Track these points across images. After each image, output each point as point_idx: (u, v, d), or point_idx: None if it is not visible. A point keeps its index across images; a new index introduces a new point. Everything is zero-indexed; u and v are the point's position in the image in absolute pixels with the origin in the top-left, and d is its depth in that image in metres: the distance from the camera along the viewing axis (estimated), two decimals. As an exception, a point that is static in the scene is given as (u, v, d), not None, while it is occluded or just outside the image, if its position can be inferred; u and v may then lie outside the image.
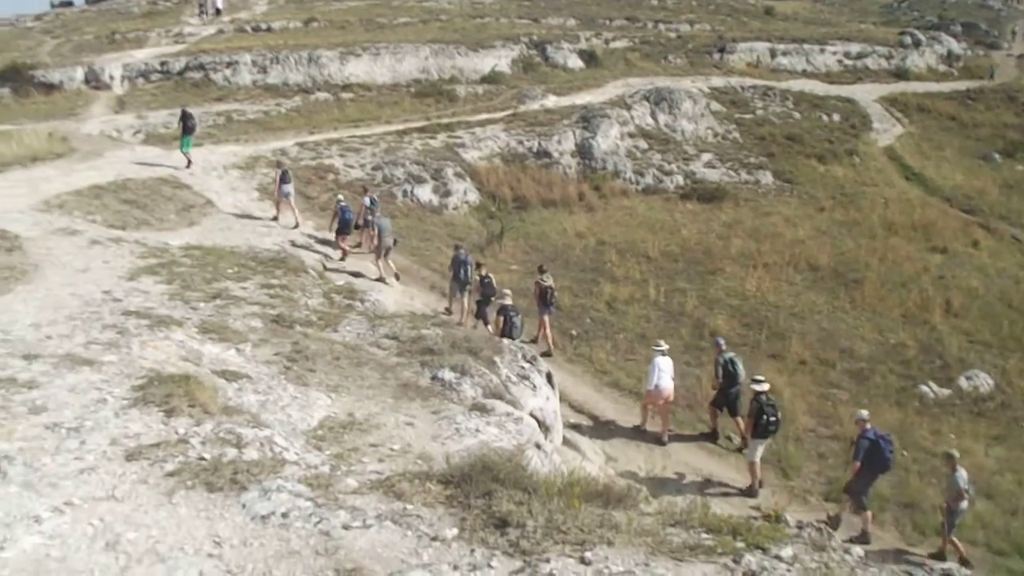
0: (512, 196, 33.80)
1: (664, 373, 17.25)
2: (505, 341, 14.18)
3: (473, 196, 33.19)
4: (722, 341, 18.33)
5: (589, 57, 53.48)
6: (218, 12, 65.82)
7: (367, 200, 25.19)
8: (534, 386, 12.71)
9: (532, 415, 11.74)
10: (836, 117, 48.66)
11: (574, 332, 22.46)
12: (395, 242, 23.97)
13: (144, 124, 35.84)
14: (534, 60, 52.10)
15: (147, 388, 9.09)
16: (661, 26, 63.99)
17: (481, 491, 6.92)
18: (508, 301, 19.48)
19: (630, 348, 21.82)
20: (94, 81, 44.34)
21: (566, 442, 14.48)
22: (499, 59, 50.51)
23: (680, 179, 37.83)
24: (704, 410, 18.43)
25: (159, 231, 22.25)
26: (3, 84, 42.89)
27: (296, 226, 25.74)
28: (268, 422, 9.03)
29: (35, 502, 6.55)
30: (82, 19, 72.71)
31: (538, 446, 10.31)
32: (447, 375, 11.68)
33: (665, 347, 17.97)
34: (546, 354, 20.27)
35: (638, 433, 17.74)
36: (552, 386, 13.55)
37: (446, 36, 54.53)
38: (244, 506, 6.74)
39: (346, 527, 6.44)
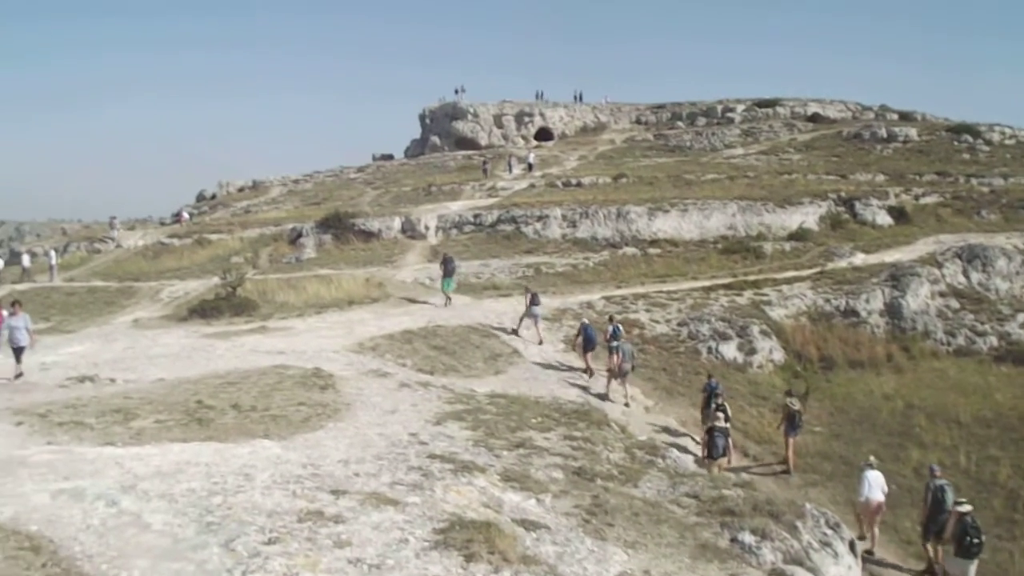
0: (818, 355, 33.52)
1: (874, 487, 18.91)
2: (808, 506, 13.69)
3: (778, 355, 32.93)
4: (936, 468, 18.85)
5: (899, 214, 52.32)
6: (530, 167, 69.70)
7: (611, 328, 27.15)
8: (836, 554, 12.21)
9: (832, 583, 11.28)
10: None
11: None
12: (633, 368, 26.07)
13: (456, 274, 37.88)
14: (842, 217, 51.60)
15: (448, 532, 9.41)
16: (973, 180, 61.44)
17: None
18: (720, 424, 20.90)
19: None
20: (410, 231, 48.13)
21: (866, 613, 13.79)
22: (806, 216, 50.46)
23: (994, 340, 35.85)
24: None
25: (466, 378, 23.33)
26: (326, 231, 47.53)
27: (540, 343, 29.28)
28: (565, 574, 9.05)
29: (336, 634, 6.84)
30: (401, 171, 79.24)
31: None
32: (747, 538, 11.49)
33: (874, 461, 19.75)
34: (786, 472, 22.77)
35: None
36: (855, 555, 12.95)
37: (753, 193, 55.17)
38: (539, 655, 6.75)
39: None
